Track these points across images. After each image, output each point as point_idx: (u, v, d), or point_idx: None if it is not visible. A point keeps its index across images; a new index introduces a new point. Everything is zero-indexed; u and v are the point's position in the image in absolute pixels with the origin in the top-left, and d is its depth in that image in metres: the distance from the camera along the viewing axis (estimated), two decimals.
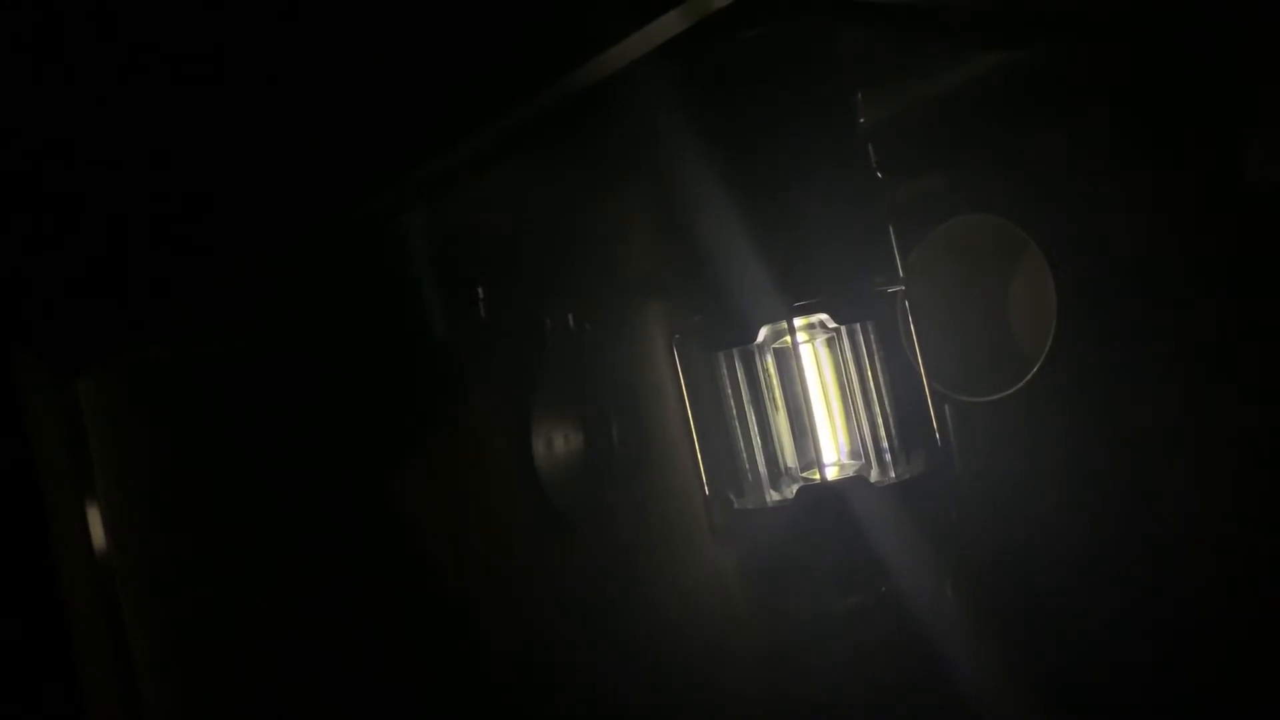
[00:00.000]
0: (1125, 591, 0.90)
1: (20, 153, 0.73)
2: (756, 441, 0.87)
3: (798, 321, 0.82)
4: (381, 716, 0.86)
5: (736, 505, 0.87)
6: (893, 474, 0.84)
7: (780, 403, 0.86)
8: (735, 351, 0.87)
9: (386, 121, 0.63)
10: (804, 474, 0.86)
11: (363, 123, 0.64)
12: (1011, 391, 0.91)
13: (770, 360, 0.87)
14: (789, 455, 0.87)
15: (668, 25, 0.54)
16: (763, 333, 0.84)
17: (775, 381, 0.86)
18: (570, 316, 1.02)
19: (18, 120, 0.73)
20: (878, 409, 0.85)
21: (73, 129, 0.73)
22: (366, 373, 0.91)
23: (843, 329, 0.85)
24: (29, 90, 0.72)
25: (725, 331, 0.85)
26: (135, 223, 0.73)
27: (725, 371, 0.88)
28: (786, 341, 0.85)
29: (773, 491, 0.86)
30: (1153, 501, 0.89)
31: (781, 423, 0.86)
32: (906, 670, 0.93)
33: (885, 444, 0.85)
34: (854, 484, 0.81)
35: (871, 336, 0.86)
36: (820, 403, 0.85)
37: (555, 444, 1.00)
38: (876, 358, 0.86)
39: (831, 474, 0.85)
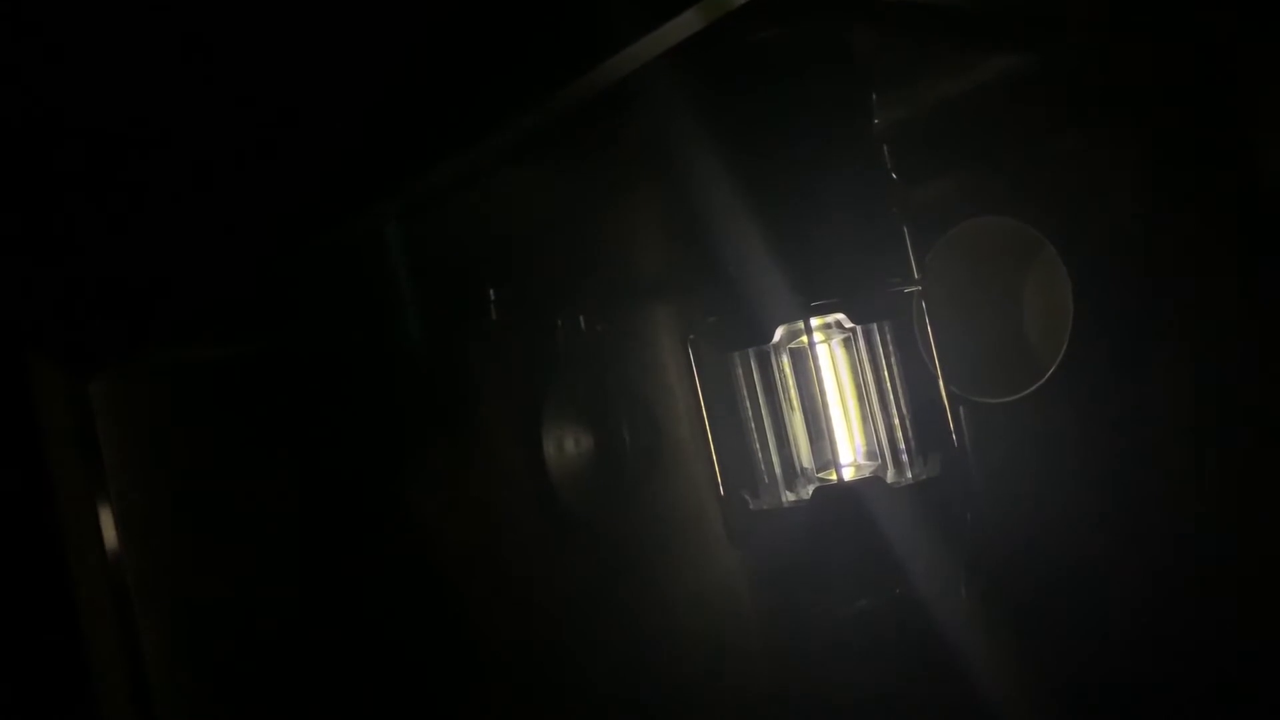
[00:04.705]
0: (1140, 593, 0.90)
1: (31, 159, 0.73)
2: (772, 442, 0.87)
3: (814, 321, 0.82)
4: (391, 715, 0.86)
5: (752, 506, 0.86)
6: (909, 475, 0.84)
7: (796, 403, 0.86)
8: (751, 352, 0.87)
9: (400, 124, 0.63)
10: (820, 475, 0.86)
11: (376, 126, 0.64)
12: (1027, 393, 0.91)
13: (786, 360, 0.86)
14: (804, 456, 0.86)
15: (683, 25, 0.54)
16: (779, 333, 0.83)
17: (791, 382, 0.86)
18: (582, 318, 1.02)
19: (28, 128, 0.73)
20: (894, 410, 0.85)
21: (83, 135, 0.73)
22: (378, 374, 0.91)
23: (859, 329, 0.85)
24: (39, 98, 0.72)
25: (741, 331, 0.84)
26: (146, 226, 0.73)
27: (741, 372, 0.88)
28: (802, 341, 0.85)
29: (788, 492, 0.86)
30: (1168, 503, 0.89)
31: (797, 423, 0.86)
32: (921, 671, 0.93)
33: (901, 445, 0.84)
34: (870, 485, 0.81)
35: (888, 337, 0.86)
36: (836, 403, 0.85)
37: (567, 445, 1.00)
38: (893, 358, 0.86)
39: (848, 475, 0.85)
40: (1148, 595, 0.89)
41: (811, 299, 0.78)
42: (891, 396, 0.85)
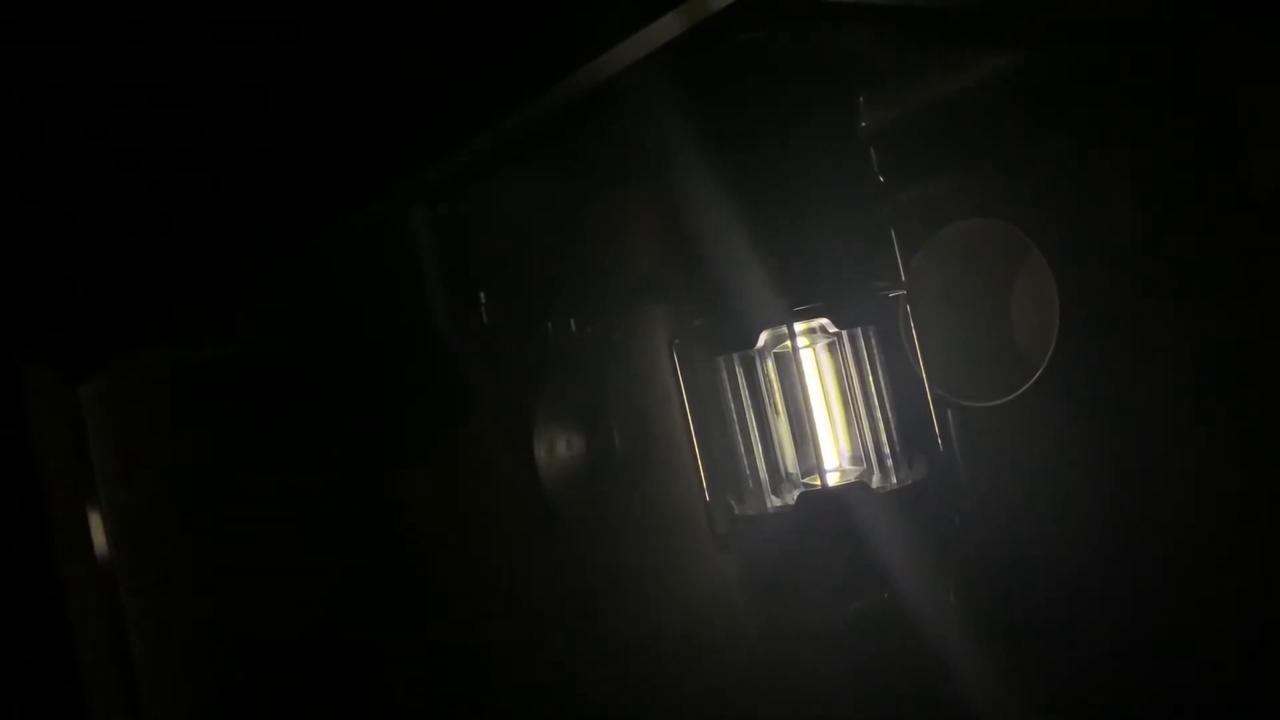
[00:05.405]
0: (1130, 597, 0.89)
1: (23, 161, 0.74)
2: (757, 447, 0.87)
3: (798, 326, 0.82)
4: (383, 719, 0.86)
5: (737, 511, 0.87)
6: (894, 480, 0.84)
7: (781, 408, 0.86)
8: (736, 356, 0.87)
9: (387, 126, 0.63)
10: (805, 480, 0.86)
11: (363, 127, 0.64)
12: (1014, 396, 0.90)
13: (771, 365, 0.86)
14: (790, 461, 0.86)
15: (667, 28, 0.54)
16: (763, 337, 0.84)
17: (776, 386, 0.86)
18: (572, 321, 1.02)
19: (21, 129, 0.73)
20: (879, 414, 0.85)
21: (74, 135, 0.73)
22: (368, 378, 0.91)
23: (844, 333, 0.85)
24: (31, 98, 0.72)
25: (726, 336, 0.85)
26: (138, 228, 0.73)
27: (726, 376, 0.88)
28: (787, 346, 0.85)
29: (774, 497, 0.86)
30: (1157, 506, 0.88)
31: (782, 428, 0.86)
32: (908, 677, 0.93)
33: (887, 449, 0.84)
34: (855, 490, 0.81)
35: (873, 341, 0.86)
36: (821, 408, 0.85)
37: (557, 449, 1.00)
38: (878, 362, 0.86)
39: (833, 480, 0.84)
40: (1139, 598, 0.89)
41: (796, 303, 0.78)
42: (877, 401, 0.84)
